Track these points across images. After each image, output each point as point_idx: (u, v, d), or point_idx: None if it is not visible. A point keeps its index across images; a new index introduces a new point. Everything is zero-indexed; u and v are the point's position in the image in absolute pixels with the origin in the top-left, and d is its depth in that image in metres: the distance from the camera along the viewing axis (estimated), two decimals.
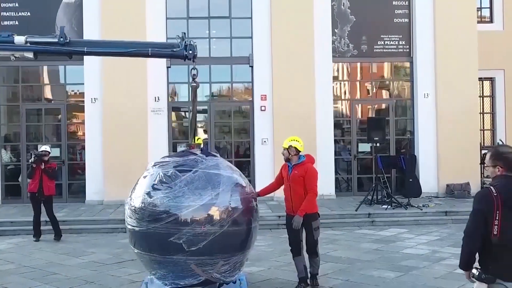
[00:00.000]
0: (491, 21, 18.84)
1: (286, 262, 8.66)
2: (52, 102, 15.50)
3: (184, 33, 7.58)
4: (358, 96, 15.64)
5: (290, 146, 7.42)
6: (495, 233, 3.72)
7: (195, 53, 7.37)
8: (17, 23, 14.48)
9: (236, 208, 6.46)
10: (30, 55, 7.36)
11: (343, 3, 14.93)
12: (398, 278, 7.68)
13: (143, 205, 6.35)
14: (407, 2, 15.09)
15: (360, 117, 15.47)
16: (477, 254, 3.98)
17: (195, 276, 6.42)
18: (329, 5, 14.78)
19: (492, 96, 18.72)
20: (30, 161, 11.07)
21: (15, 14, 14.55)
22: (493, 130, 18.76)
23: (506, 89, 18.43)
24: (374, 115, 15.21)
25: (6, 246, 10.48)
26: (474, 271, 3.91)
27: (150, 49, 7.37)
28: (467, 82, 14.78)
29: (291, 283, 7.58)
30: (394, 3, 15.10)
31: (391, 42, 15.10)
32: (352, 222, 12.12)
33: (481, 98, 19.11)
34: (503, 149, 4.00)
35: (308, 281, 7.43)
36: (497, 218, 3.71)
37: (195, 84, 7.36)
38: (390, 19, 15.09)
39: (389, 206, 12.75)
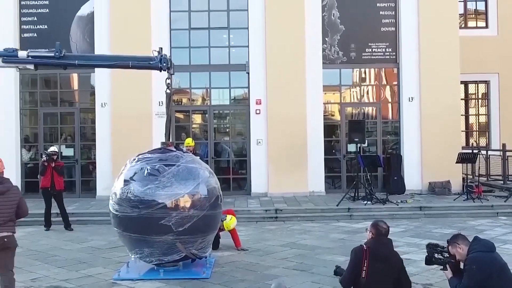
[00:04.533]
0: (486, 26, 19.71)
1: (255, 249, 9.86)
2: (67, 106, 16.92)
3: (161, 48, 8.90)
4: (347, 100, 16.66)
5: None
6: (363, 276, 5.36)
7: (169, 65, 8.68)
8: (35, 35, 15.98)
9: (212, 195, 8.03)
10: (31, 67, 8.80)
11: (333, 14, 15.99)
12: (347, 261, 8.72)
13: (134, 194, 7.69)
14: (393, 12, 16.05)
15: (349, 119, 16.44)
16: None
17: (178, 252, 7.90)
18: (320, 16, 15.86)
19: (487, 99, 19.56)
20: (42, 160, 12.50)
21: (34, 27, 16.05)
22: (488, 131, 19.59)
23: (501, 92, 19.25)
24: (362, 118, 16.17)
25: (19, 234, 11.42)
26: None
27: (130, 62, 8.71)
28: (449, 86, 15.65)
29: (252, 264, 8.77)
30: (381, 13, 16.07)
31: (379, 49, 16.08)
32: (332, 216, 13.15)
33: (476, 100, 19.96)
34: (378, 222, 5.70)
35: None
36: (365, 265, 5.37)
37: (169, 91, 8.67)
38: (377, 28, 16.08)
39: (369, 202, 13.73)
